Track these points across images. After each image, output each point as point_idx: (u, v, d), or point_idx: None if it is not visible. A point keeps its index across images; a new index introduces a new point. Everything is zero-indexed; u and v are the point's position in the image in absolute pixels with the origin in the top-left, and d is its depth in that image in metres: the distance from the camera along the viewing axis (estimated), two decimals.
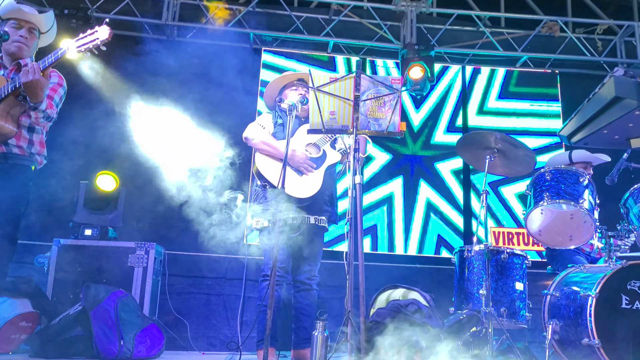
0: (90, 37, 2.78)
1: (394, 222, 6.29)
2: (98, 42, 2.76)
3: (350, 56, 6.83)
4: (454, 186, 6.49)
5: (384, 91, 3.07)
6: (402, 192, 6.39)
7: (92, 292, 3.78)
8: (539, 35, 6.86)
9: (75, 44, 2.79)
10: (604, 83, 1.97)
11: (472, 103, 6.78)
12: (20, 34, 3.04)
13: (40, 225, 5.58)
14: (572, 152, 4.43)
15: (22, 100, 2.85)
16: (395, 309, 2.93)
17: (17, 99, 2.84)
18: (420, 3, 6.64)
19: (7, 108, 2.81)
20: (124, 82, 6.24)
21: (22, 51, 3.06)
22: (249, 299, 5.66)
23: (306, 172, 3.59)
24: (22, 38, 3.04)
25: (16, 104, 2.85)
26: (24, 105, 2.88)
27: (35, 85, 2.73)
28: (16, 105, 2.85)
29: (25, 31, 3.06)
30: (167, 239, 5.52)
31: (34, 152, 3.01)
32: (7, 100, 2.80)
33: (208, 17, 6.48)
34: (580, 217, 3.71)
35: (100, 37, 2.76)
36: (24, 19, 3.07)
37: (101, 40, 2.76)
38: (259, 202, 3.68)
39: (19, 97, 2.84)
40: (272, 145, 3.63)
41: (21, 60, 3.05)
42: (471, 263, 3.79)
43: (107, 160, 5.72)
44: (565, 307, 3.48)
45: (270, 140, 3.66)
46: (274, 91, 4.02)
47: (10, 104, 2.82)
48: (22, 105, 2.88)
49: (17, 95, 2.83)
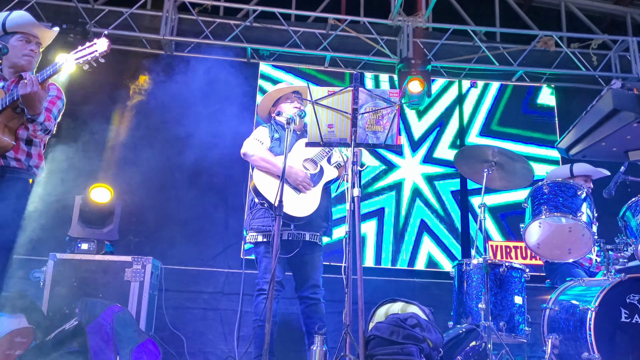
0: (88, 49, 2.78)
1: (384, 234, 6.27)
2: (97, 54, 2.76)
3: (347, 70, 6.86)
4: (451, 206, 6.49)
5: (382, 104, 3.08)
6: (394, 205, 6.38)
7: (88, 307, 3.74)
8: (534, 49, 6.92)
9: (73, 56, 2.79)
10: (602, 96, 1.98)
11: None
12: (31, 48, 3.06)
13: (36, 239, 5.55)
14: (573, 165, 4.43)
15: (20, 112, 2.84)
16: (395, 323, 2.91)
17: (15, 112, 2.83)
18: (417, 18, 6.70)
19: (4, 120, 2.80)
20: (122, 96, 6.26)
21: (30, 65, 3.08)
22: (245, 314, 5.61)
23: (304, 191, 3.56)
24: (32, 52, 3.06)
25: (14, 116, 2.84)
26: (22, 118, 2.87)
27: (33, 97, 2.72)
28: (14, 117, 2.84)
29: (34, 45, 3.08)
30: (163, 253, 5.50)
31: (32, 164, 2.99)
32: (5, 113, 2.80)
33: (206, 31, 6.51)
34: (579, 231, 3.71)
35: (99, 50, 2.76)
36: (33, 34, 3.08)
37: (100, 52, 2.76)
38: (255, 217, 3.64)
39: (17, 109, 2.83)
40: (271, 162, 3.58)
41: (23, 73, 3.06)
42: (470, 277, 3.78)
43: (104, 174, 5.71)
44: (565, 321, 3.47)
45: (269, 157, 3.62)
46: (268, 103, 3.97)
47: (8, 117, 2.82)
48: (20, 118, 2.87)
49: (15, 108, 2.82)
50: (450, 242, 6.32)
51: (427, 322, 3.02)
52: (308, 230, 3.58)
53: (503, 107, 6.86)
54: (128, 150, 6.14)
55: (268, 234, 3.54)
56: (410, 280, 6.10)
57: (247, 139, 3.78)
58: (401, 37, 6.76)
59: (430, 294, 5.91)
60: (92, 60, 2.76)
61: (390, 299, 3.69)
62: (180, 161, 6.23)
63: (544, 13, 7.64)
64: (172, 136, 6.32)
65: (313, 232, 3.61)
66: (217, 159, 6.16)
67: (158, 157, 6.16)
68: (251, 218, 3.63)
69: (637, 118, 1.84)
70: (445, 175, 6.55)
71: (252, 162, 3.66)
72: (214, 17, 6.73)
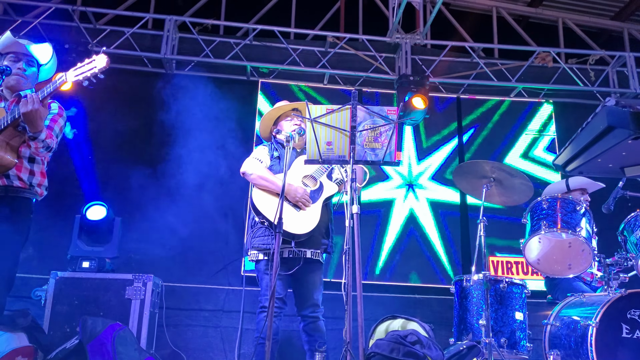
0: (88, 65, 2.77)
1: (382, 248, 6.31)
2: (96, 70, 2.75)
3: (346, 87, 6.91)
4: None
5: (380, 122, 3.11)
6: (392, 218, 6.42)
7: (89, 325, 3.74)
8: (532, 65, 6.97)
9: (73, 73, 2.78)
10: (597, 112, 1.99)
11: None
12: (18, 67, 3.06)
13: (37, 258, 5.56)
14: (568, 179, 4.45)
15: (22, 131, 2.86)
16: (395, 340, 2.90)
17: (16, 130, 2.85)
18: (415, 35, 6.76)
19: (6, 139, 2.82)
20: (123, 114, 6.31)
21: (20, 84, 3.07)
22: (246, 331, 5.60)
23: (304, 208, 3.57)
24: (20, 71, 3.06)
25: (15, 134, 2.86)
26: (24, 136, 2.89)
27: (34, 115, 2.73)
28: (15, 136, 2.86)
29: (22, 63, 3.09)
30: (163, 270, 5.49)
31: (35, 183, 3.00)
32: (7, 132, 2.82)
33: (206, 50, 6.57)
34: (579, 246, 3.72)
35: (98, 66, 2.75)
36: (21, 52, 3.10)
37: (99, 68, 2.75)
38: (255, 235, 3.64)
39: (19, 127, 2.85)
40: (269, 180, 3.59)
41: (21, 92, 3.08)
42: (470, 293, 3.77)
43: (104, 192, 5.73)
44: (566, 337, 3.46)
45: (268, 175, 3.62)
46: (268, 122, 3.98)
47: (9, 135, 2.84)
48: (21, 136, 2.89)
49: (16, 126, 2.84)
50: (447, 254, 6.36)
51: (428, 339, 3.01)
52: (309, 247, 3.58)
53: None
54: (129, 167, 6.17)
55: (269, 252, 3.55)
56: (410, 297, 6.09)
57: (247, 158, 3.78)
58: (399, 54, 6.83)
59: (432, 310, 5.90)
60: (91, 77, 2.76)
61: (391, 315, 3.69)
62: (180, 178, 6.25)
63: (542, 29, 7.73)
64: (173, 153, 6.35)
65: (314, 249, 3.61)
66: (217, 176, 6.19)
67: (159, 175, 6.19)
68: (252, 236, 3.63)
69: (631, 135, 1.85)
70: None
71: (251, 180, 3.67)
72: (214, 36, 6.80)
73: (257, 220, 3.57)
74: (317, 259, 3.62)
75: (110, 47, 6.37)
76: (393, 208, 6.47)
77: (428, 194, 6.57)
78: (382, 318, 3.86)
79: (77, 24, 6.42)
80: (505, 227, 6.07)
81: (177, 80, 6.69)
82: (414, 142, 6.73)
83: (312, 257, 3.59)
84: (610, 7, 7.47)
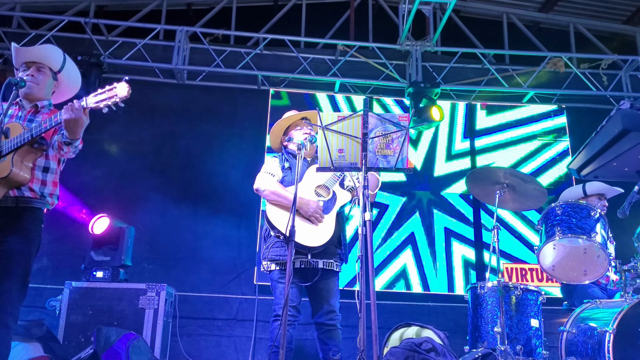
0: (108, 93, 2.75)
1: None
2: (117, 99, 2.73)
3: (357, 95, 6.92)
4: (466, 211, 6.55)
5: (392, 128, 3.10)
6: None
7: (104, 335, 3.76)
8: (544, 71, 6.93)
9: (93, 99, 2.77)
10: (611, 116, 1.99)
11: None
12: (28, 74, 3.09)
13: (51, 268, 5.61)
14: (585, 184, 4.40)
15: (38, 148, 2.90)
16: (409, 348, 2.88)
17: (32, 147, 2.88)
18: (425, 42, 6.76)
19: (21, 157, 2.85)
20: (136, 125, 6.37)
21: (32, 90, 3.08)
22: (259, 340, 5.59)
23: (316, 223, 3.55)
24: (30, 77, 3.09)
25: (31, 151, 2.89)
26: (39, 154, 2.92)
27: (77, 123, 2.76)
28: (30, 153, 2.89)
29: (33, 70, 3.11)
30: (176, 280, 5.51)
31: (47, 193, 3.02)
32: (23, 149, 2.84)
33: (217, 60, 6.62)
34: (594, 252, 3.68)
35: (119, 94, 2.72)
36: (29, 60, 3.12)
37: (120, 97, 2.72)
38: (269, 247, 3.62)
39: (35, 145, 2.88)
40: (282, 196, 3.56)
41: (38, 102, 3.11)
42: (484, 300, 3.73)
43: (117, 201, 5.77)
44: (583, 343, 3.41)
45: (280, 190, 3.59)
46: (278, 133, 3.96)
47: (25, 152, 2.86)
48: (36, 153, 2.92)
49: (32, 144, 2.87)
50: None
51: (443, 346, 2.98)
52: (322, 257, 3.56)
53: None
54: (141, 178, 6.22)
55: (282, 262, 3.54)
56: (424, 305, 6.05)
57: (259, 173, 3.76)
58: (410, 61, 6.83)
59: (446, 318, 5.85)
60: (112, 105, 2.75)
61: (405, 323, 3.66)
62: (193, 188, 6.29)
63: (553, 34, 7.69)
64: (185, 163, 6.40)
65: (326, 260, 3.59)
66: (229, 184, 6.22)
67: (170, 184, 6.24)
68: (265, 248, 3.62)
69: None
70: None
71: (264, 197, 3.66)
72: (225, 46, 6.84)
73: (273, 235, 3.55)
74: (330, 268, 3.60)
75: (122, 58, 6.44)
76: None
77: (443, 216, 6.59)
78: (396, 326, 3.83)
79: (89, 36, 6.49)
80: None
81: (188, 90, 6.76)
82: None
83: (325, 267, 3.57)
84: (622, 12, 7.42)
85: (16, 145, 2.81)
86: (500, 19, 7.66)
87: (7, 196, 2.87)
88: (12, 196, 2.89)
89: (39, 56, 3.15)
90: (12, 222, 2.88)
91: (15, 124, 2.93)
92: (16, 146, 2.81)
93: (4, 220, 2.84)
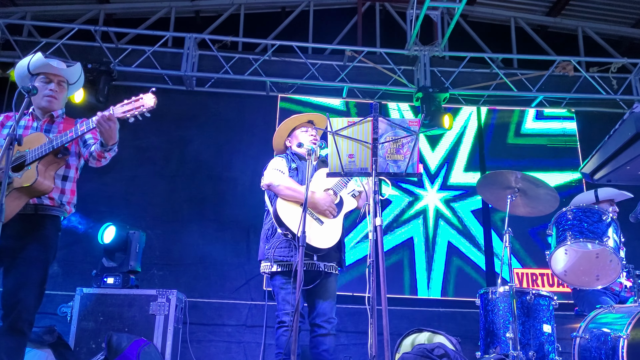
0: (135, 103, 2.81)
1: (416, 264, 6.25)
2: (144, 109, 2.80)
3: (365, 100, 6.93)
4: (474, 226, 6.46)
5: (402, 133, 3.09)
6: (422, 234, 6.37)
7: (115, 341, 3.77)
8: (552, 75, 6.91)
9: (120, 109, 2.82)
10: (624, 120, 1.97)
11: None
12: (50, 88, 3.11)
13: (62, 274, 5.63)
14: (597, 190, 4.37)
15: (61, 158, 2.93)
16: (422, 354, 2.87)
17: (56, 157, 2.91)
18: (433, 47, 6.76)
19: (44, 166, 2.88)
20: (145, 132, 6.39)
21: (52, 104, 3.13)
22: (269, 346, 5.56)
23: (330, 217, 3.54)
24: (52, 92, 3.12)
25: (54, 161, 2.93)
26: (62, 162, 2.98)
27: (113, 130, 2.84)
28: (53, 162, 2.93)
29: (54, 85, 3.14)
30: (185, 286, 5.52)
31: (65, 201, 3.06)
32: (47, 158, 2.88)
33: (226, 67, 6.64)
34: (606, 256, 3.64)
35: (146, 105, 2.80)
36: (52, 73, 3.15)
37: (147, 108, 2.80)
38: (273, 247, 3.56)
39: (59, 155, 2.91)
40: (297, 190, 3.52)
41: (53, 112, 3.14)
42: (496, 305, 3.71)
43: (126, 208, 5.79)
44: (596, 349, 3.38)
45: (295, 185, 3.56)
46: (284, 133, 3.91)
47: (48, 162, 2.90)
48: (59, 163, 2.96)
49: (56, 154, 2.90)
50: (476, 257, 6.35)
51: (455, 352, 2.97)
52: (323, 260, 3.55)
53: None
54: (151, 183, 6.25)
55: (284, 264, 3.50)
56: (434, 310, 6.02)
57: (266, 170, 3.74)
58: (418, 67, 6.82)
59: (456, 323, 5.82)
60: (138, 115, 2.81)
61: (417, 329, 3.64)
62: (201, 194, 6.31)
63: (561, 38, 7.68)
64: (195, 169, 6.42)
65: (327, 263, 3.57)
66: (237, 190, 6.23)
67: (179, 190, 6.26)
68: (269, 247, 3.58)
69: None
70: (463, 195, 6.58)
71: (277, 191, 3.59)
72: (234, 53, 6.87)
73: (280, 232, 3.52)
74: (330, 271, 3.58)
75: (132, 65, 6.48)
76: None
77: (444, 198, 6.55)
78: (407, 331, 3.81)
79: (99, 43, 6.53)
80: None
81: (197, 96, 6.78)
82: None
83: (325, 269, 3.55)
84: (630, 15, 7.39)
85: (41, 154, 2.84)
86: (507, 23, 7.65)
87: (27, 204, 2.90)
88: (31, 204, 2.92)
89: (66, 74, 3.20)
90: (31, 230, 2.91)
91: (38, 134, 2.97)
92: (41, 155, 2.84)
93: (24, 227, 2.87)
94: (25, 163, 2.85)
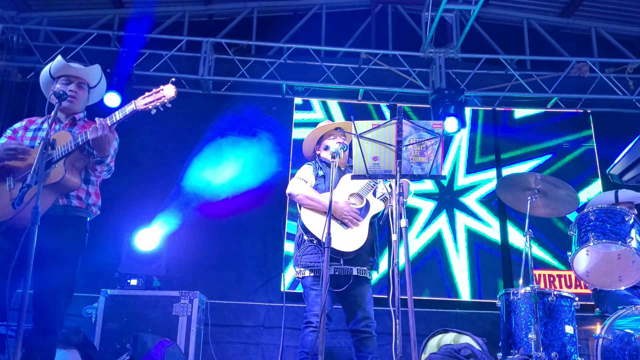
0: (156, 95, 2.89)
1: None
2: (165, 100, 2.88)
3: (380, 103, 6.95)
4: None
5: (426, 136, 3.12)
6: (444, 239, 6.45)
7: (140, 341, 3.82)
8: (568, 76, 6.90)
9: (142, 101, 2.90)
10: None
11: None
12: (70, 89, 3.18)
13: (85, 276, 5.67)
14: (618, 191, 4.37)
15: (87, 154, 2.98)
16: (449, 354, 2.89)
17: (82, 154, 2.97)
18: (448, 49, 6.78)
19: (72, 161, 2.95)
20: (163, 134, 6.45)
21: (73, 104, 3.18)
22: (287, 348, 5.61)
23: (351, 225, 3.58)
24: (72, 92, 3.18)
25: (80, 157, 2.99)
26: (88, 159, 3.01)
27: (103, 140, 2.87)
28: (80, 159, 2.99)
29: (74, 86, 3.20)
30: (204, 287, 5.55)
31: (91, 203, 3.12)
32: (73, 155, 2.94)
33: (242, 70, 6.69)
34: (629, 257, 3.65)
35: (167, 95, 2.88)
36: (72, 75, 3.22)
37: (168, 98, 2.88)
38: (303, 254, 3.65)
39: (84, 151, 2.97)
40: (316, 200, 3.61)
41: (75, 115, 3.20)
42: (517, 306, 3.72)
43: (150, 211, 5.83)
44: (620, 350, 3.39)
45: (314, 195, 3.65)
46: (312, 142, 4.03)
47: (75, 158, 2.96)
48: (85, 159, 3.01)
49: (82, 150, 2.96)
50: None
51: (482, 352, 2.99)
52: (355, 264, 3.59)
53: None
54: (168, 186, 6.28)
55: (315, 269, 3.56)
56: (452, 312, 6.03)
57: (293, 178, 3.82)
58: (433, 69, 6.84)
59: (473, 325, 5.83)
60: (160, 106, 2.87)
61: (442, 329, 3.66)
62: (219, 196, 6.34)
63: (574, 39, 7.65)
64: (212, 172, 6.45)
65: (360, 267, 3.61)
66: (254, 193, 6.26)
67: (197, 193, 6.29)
68: (300, 254, 3.65)
69: None
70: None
71: (297, 201, 3.70)
72: (249, 56, 6.92)
73: (307, 239, 3.59)
74: (364, 275, 3.63)
75: (150, 70, 6.54)
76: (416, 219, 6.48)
77: (468, 221, 6.55)
78: (433, 332, 3.83)
79: (117, 48, 6.60)
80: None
81: (214, 100, 6.83)
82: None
83: (359, 274, 3.60)
84: None
85: (67, 151, 2.89)
86: (520, 24, 7.65)
87: (57, 204, 2.96)
88: (61, 205, 2.98)
89: (86, 75, 3.25)
90: (61, 231, 2.96)
91: (64, 132, 3.02)
92: (67, 152, 2.89)
93: (54, 229, 2.92)
94: (53, 161, 2.89)
